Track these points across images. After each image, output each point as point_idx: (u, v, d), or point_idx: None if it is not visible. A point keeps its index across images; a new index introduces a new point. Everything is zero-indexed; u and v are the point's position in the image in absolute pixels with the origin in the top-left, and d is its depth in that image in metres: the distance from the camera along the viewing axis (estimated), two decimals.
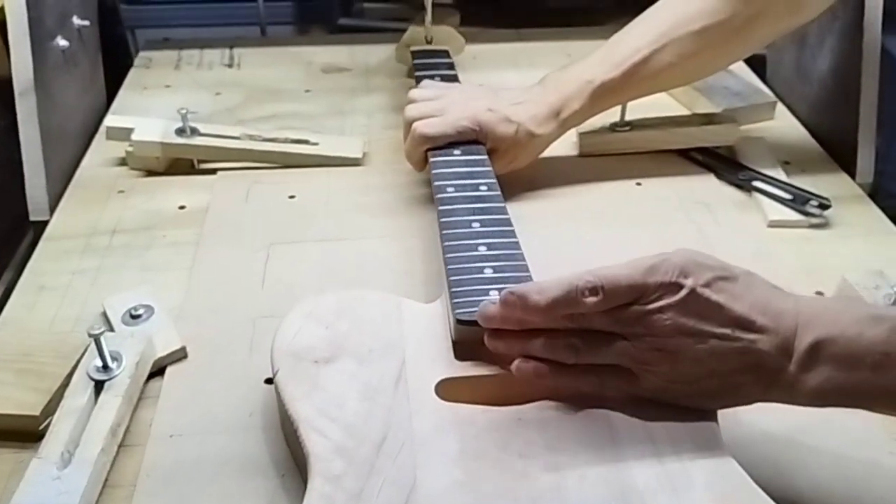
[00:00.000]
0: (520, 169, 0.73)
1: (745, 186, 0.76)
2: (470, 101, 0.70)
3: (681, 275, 0.44)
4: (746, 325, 0.43)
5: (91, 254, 0.68)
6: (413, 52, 0.88)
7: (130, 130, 0.77)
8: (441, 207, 0.62)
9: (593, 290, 0.44)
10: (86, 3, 0.86)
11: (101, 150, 0.82)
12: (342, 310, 0.52)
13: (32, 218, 0.74)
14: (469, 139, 0.69)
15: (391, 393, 0.47)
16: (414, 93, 0.74)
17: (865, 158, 0.79)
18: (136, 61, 1.00)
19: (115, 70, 0.97)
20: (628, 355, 0.44)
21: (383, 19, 1.49)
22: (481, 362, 0.49)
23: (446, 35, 0.93)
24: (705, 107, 0.86)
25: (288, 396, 0.46)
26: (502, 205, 0.62)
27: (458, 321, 0.50)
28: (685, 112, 0.88)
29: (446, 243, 0.58)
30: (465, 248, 0.57)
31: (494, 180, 0.65)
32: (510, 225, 0.60)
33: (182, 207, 0.74)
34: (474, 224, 0.59)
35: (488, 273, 0.54)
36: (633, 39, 0.71)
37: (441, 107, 0.70)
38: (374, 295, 0.54)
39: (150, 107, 0.89)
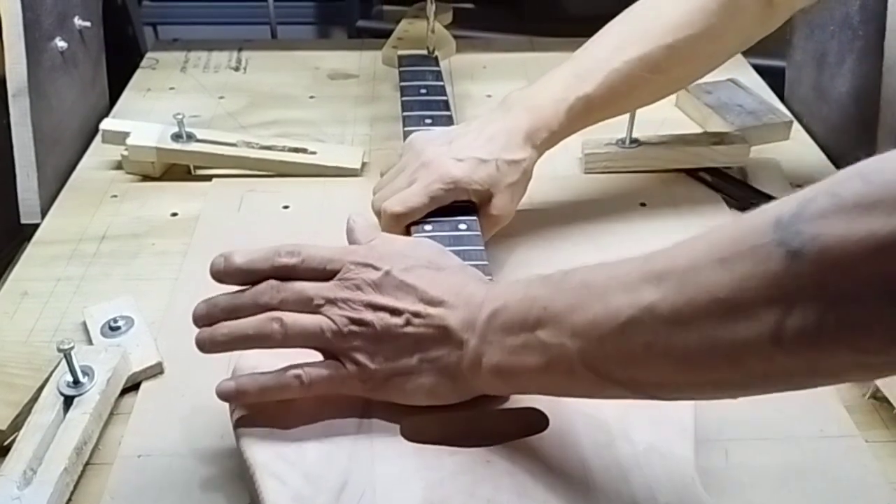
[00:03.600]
0: None
1: (753, 210, 0.73)
2: (435, 160, 0.62)
3: (380, 260, 0.46)
4: (437, 303, 0.45)
5: (77, 260, 0.67)
6: (400, 58, 0.85)
7: (126, 134, 0.76)
8: None
9: (291, 254, 0.47)
10: (88, 3, 0.85)
11: (98, 153, 0.81)
12: None
13: (23, 221, 0.73)
14: (448, 202, 0.61)
15: (353, 434, 0.45)
16: (378, 183, 0.66)
17: None
18: (143, 62, 0.99)
19: (124, 69, 0.97)
20: (329, 330, 0.45)
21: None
22: None
23: (436, 34, 0.89)
24: (717, 125, 0.84)
25: (242, 437, 0.45)
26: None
27: None
28: (696, 129, 0.85)
29: None
30: None
31: (481, 247, 0.58)
32: None
33: (174, 215, 0.73)
34: None
35: None
36: (604, 53, 0.66)
37: (407, 178, 0.62)
38: None
39: (152, 109, 0.88)
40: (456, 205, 0.62)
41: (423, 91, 0.78)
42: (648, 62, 0.65)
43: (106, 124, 0.78)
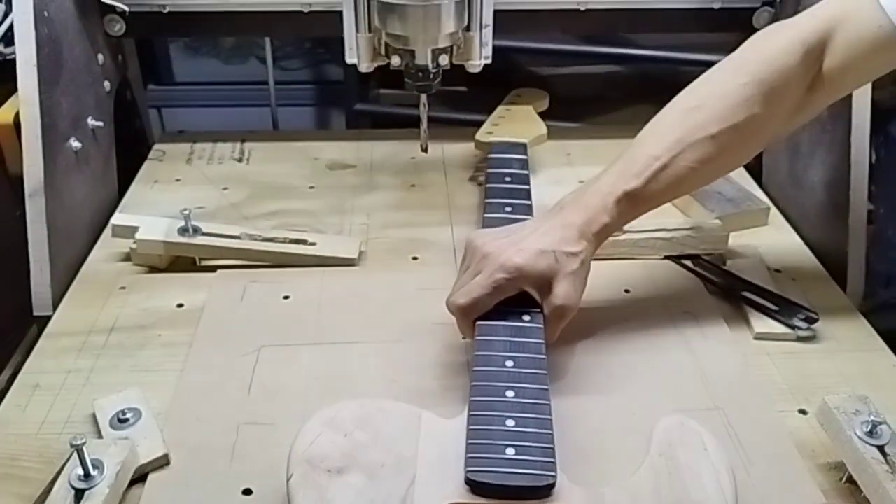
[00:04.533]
0: None
1: (733, 295, 0.77)
2: (495, 251, 0.64)
3: None
4: None
5: (87, 353, 0.70)
6: (490, 144, 0.90)
7: (135, 229, 0.80)
8: (475, 378, 0.58)
9: None
10: (101, 104, 0.90)
11: (107, 246, 0.85)
12: (363, 419, 0.54)
13: (36, 313, 0.76)
14: (512, 292, 0.64)
15: None
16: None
17: (856, 272, 0.79)
18: (151, 154, 1.03)
19: (132, 158, 1.01)
20: None
21: (398, 105, 1.54)
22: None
23: (527, 120, 0.94)
24: (698, 212, 0.88)
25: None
26: (544, 373, 0.59)
27: (468, 480, 0.50)
28: (679, 216, 0.89)
29: (474, 394, 0.57)
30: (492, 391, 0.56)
31: (541, 341, 0.61)
32: (546, 399, 0.57)
33: (180, 306, 0.76)
34: (508, 392, 0.57)
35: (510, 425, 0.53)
36: (649, 148, 0.68)
37: (472, 273, 0.65)
38: (397, 406, 0.56)
39: (159, 201, 0.92)
40: (521, 298, 0.64)
41: (508, 179, 0.81)
42: (695, 154, 0.67)
43: (116, 220, 0.82)
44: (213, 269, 0.81)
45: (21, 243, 0.78)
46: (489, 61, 0.85)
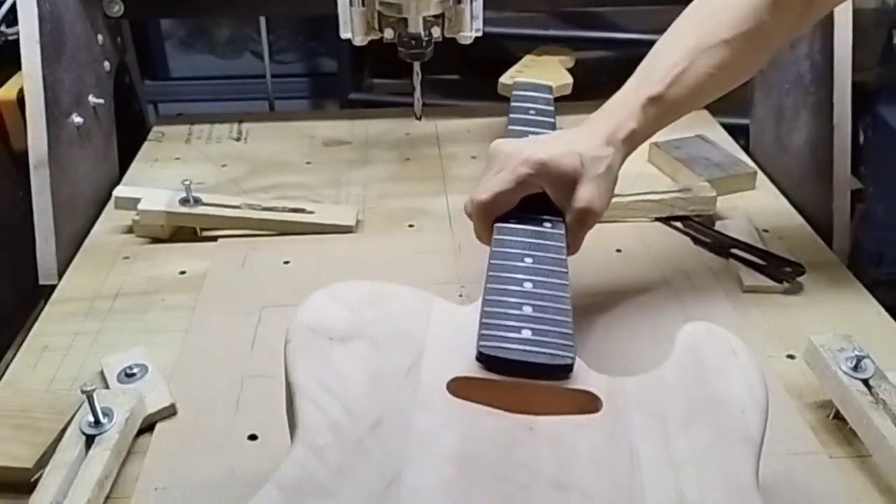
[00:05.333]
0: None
1: (722, 253, 0.79)
2: (519, 148, 0.63)
3: None
4: None
5: (93, 317, 0.72)
6: (515, 84, 0.89)
7: (137, 200, 0.82)
8: (493, 252, 0.57)
9: None
10: (101, 83, 0.92)
11: (110, 219, 0.86)
12: (372, 298, 0.51)
13: (42, 282, 0.78)
14: (536, 188, 0.62)
15: (399, 382, 0.45)
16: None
17: (841, 229, 0.81)
18: (150, 135, 1.05)
19: (131, 142, 1.03)
20: None
21: (391, 94, 1.56)
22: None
23: (553, 69, 0.94)
24: (687, 177, 0.90)
25: (292, 365, 0.46)
26: (564, 270, 0.56)
27: (480, 354, 0.48)
28: (668, 182, 0.92)
29: (490, 282, 0.54)
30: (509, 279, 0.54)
31: (562, 244, 0.59)
32: (566, 292, 0.54)
33: (182, 273, 0.78)
34: (526, 284, 0.54)
35: (526, 311, 0.51)
36: (669, 55, 0.68)
37: (494, 172, 0.63)
38: (408, 290, 0.53)
39: (159, 178, 0.94)
40: (543, 205, 0.62)
41: (532, 112, 0.80)
42: (712, 59, 0.67)
43: (119, 191, 0.84)
44: (214, 238, 0.82)
45: (25, 223, 0.79)
46: (480, 34, 0.87)
